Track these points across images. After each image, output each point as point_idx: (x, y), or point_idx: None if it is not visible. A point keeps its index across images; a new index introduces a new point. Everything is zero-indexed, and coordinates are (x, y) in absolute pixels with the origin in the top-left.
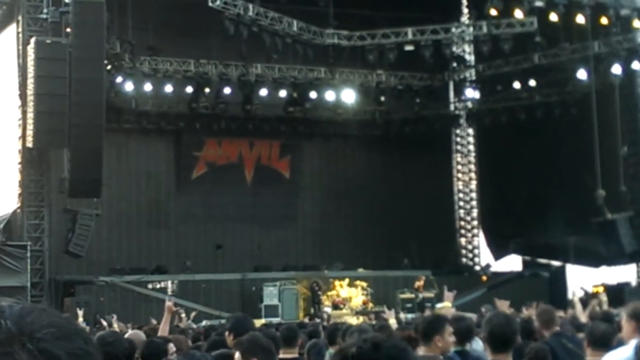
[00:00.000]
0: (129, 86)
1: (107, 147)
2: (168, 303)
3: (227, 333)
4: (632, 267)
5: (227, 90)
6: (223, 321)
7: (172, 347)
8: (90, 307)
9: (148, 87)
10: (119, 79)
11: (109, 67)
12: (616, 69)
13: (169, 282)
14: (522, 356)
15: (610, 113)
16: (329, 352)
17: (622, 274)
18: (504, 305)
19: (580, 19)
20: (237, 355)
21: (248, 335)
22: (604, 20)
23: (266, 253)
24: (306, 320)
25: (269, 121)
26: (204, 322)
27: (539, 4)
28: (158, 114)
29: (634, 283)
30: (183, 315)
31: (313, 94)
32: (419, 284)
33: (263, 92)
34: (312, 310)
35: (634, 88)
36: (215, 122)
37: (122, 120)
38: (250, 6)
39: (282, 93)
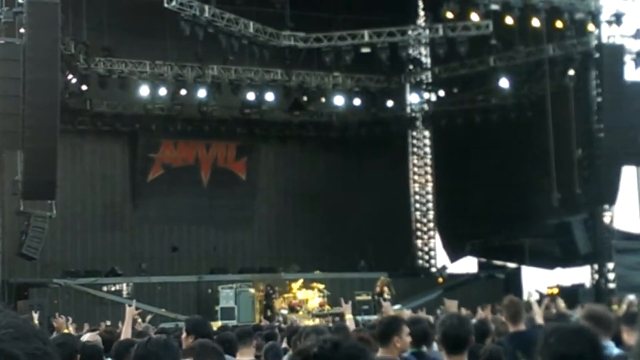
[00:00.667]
0: (83, 87)
1: (61, 148)
2: (129, 308)
3: (184, 335)
4: (587, 268)
5: (182, 92)
6: (180, 324)
7: None
8: (44, 310)
9: (103, 88)
10: (74, 80)
11: (63, 68)
12: (571, 72)
13: (124, 285)
14: (477, 357)
15: (565, 116)
16: (289, 354)
17: (577, 275)
18: (452, 306)
19: (535, 22)
20: None
21: (198, 341)
22: (558, 24)
23: (222, 255)
24: (262, 322)
25: (225, 123)
26: (161, 325)
27: (494, 7)
28: (113, 115)
29: (588, 284)
30: (139, 320)
31: (269, 96)
32: (380, 285)
33: (219, 93)
34: (268, 313)
35: (588, 91)
36: (171, 124)
37: (77, 121)
38: (206, 7)
39: (239, 95)
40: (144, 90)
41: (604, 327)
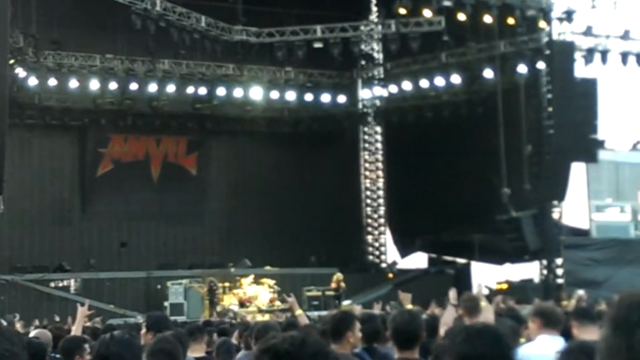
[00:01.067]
0: (32, 81)
1: (9, 143)
2: (82, 308)
3: (144, 331)
4: (535, 264)
5: (133, 86)
6: (130, 320)
7: (87, 347)
8: None
9: (52, 82)
10: (22, 74)
11: (12, 61)
12: (522, 69)
13: (72, 281)
14: (428, 353)
15: (516, 112)
16: (242, 351)
17: (526, 271)
18: (406, 299)
19: (487, 19)
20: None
21: (154, 339)
22: (510, 21)
23: (172, 251)
24: (212, 318)
25: (176, 117)
26: (109, 322)
27: (447, 3)
28: (62, 109)
29: (537, 280)
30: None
31: (221, 91)
32: (336, 282)
33: (170, 88)
34: (218, 308)
35: (539, 88)
36: (121, 118)
37: (25, 115)
38: (158, 1)
39: (190, 89)
40: (93, 85)
41: (552, 323)
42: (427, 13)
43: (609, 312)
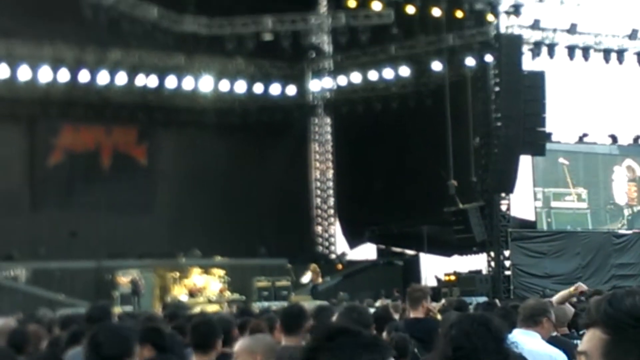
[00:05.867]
0: None
1: None
2: None
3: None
4: (483, 256)
5: (83, 76)
6: (83, 310)
7: None
8: None
9: (1, 70)
10: None
11: None
12: (470, 62)
13: (21, 270)
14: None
15: (464, 105)
16: None
17: (474, 262)
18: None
19: (436, 12)
20: None
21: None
22: (458, 14)
23: (122, 241)
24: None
25: (126, 108)
26: (59, 312)
27: None
28: (12, 99)
29: (485, 271)
30: None
31: (171, 81)
32: (314, 275)
33: (121, 78)
34: (168, 299)
35: (487, 80)
36: (71, 108)
37: None
38: None
39: (140, 79)
40: (44, 74)
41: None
42: (376, 6)
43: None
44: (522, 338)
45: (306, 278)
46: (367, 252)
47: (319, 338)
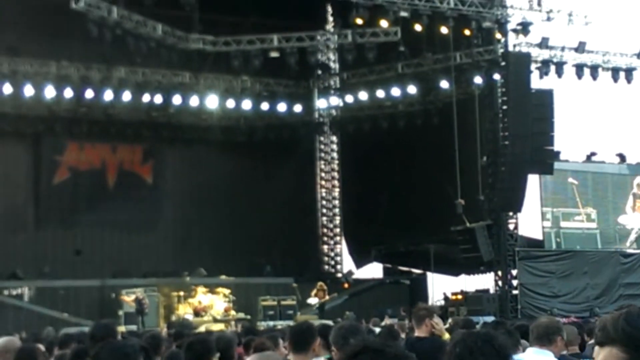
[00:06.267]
0: None
1: None
2: None
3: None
4: (490, 275)
5: (89, 94)
6: (86, 329)
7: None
8: None
9: (7, 88)
10: None
11: None
12: (477, 80)
13: (26, 289)
14: None
15: (471, 123)
16: None
17: (482, 281)
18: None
19: (443, 30)
20: None
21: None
22: (466, 32)
23: (127, 259)
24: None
25: (131, 125)
26: (63, 330)
27: (403, 14)
28: (17, 116)
29: (492, 291)
30: None
31: (177, 99)
32: (317, 293)
33: (126, 95)
34: (172, 317)
35: (494, 98)
36: (77, 126)
37: None
38: (115, 9)
39: (146, 97)
40: (49, 91)
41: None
42: (383, 23)
43: None
44: (536, 357)
45: (313, 300)
46: (373, 270)
47: (344, 357)
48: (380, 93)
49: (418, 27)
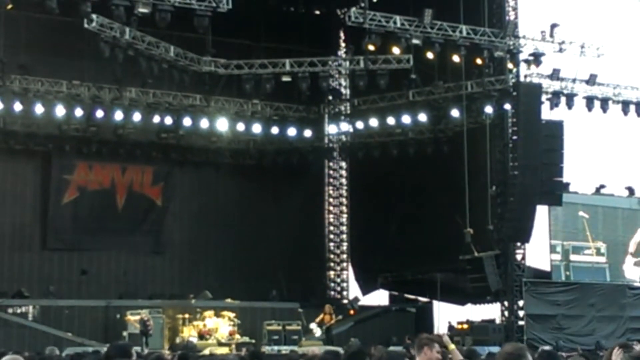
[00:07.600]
0: None
1: None
2: None
3: None
4: (497, 305)
5: (99, 113)
6: (89, 349)
7: None
8: None
9: (17, 106)
10: None
11: None
12: (488, 109)
13: (30, 307)
14: None
15: (481, 152)
16: None
17: (488, 311)
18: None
19: (455, 58)
20: None
21: None
22: (478, 61)
23: (132, 280)
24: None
25: (141, 146)
26: (67, 350)
27: (415, 42)
28: (27, 134)
29: (498, 321)
30: None
31: (187, 121)
32: (324, 316)
33: (136, 116)
34: (177, 340)
35: (505, 128)
36: (86, 145)
37: None
38: (127, 30)
39: (156, 118)
40: (59, 110)
41: None
42: (395, 50)
43: None
44: None
45: (313, 325)
46: (379, 297)
47: None
48: (390, 120)
49: (430, 55)
